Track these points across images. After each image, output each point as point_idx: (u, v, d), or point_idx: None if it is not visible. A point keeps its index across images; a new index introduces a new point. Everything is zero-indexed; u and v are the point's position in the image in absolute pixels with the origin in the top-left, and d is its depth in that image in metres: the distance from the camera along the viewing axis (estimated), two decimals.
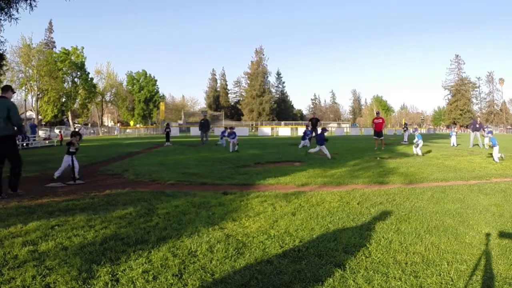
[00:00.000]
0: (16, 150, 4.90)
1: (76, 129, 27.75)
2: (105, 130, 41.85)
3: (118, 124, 48.08)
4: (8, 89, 4.96)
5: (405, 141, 18.00)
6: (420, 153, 10.18)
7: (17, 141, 15.38)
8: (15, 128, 4.78)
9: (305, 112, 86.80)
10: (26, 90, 34.70)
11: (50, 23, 50.70)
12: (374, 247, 2.64)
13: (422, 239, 2.85)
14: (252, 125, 52.18)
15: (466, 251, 2.59)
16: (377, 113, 14.70)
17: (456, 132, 16.25)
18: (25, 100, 37.68)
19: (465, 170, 7.02)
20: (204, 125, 16.19)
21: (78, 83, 40.20)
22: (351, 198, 4.38)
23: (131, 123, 48.89)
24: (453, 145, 14.66)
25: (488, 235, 2.95)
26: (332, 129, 43.19)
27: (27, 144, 16.08)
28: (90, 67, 52.36)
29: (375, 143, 13.06)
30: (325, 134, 10.35)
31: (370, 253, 2.53)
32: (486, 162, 8.44)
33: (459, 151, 11.94)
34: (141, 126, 46.27)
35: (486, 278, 2.15)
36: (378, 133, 13.17)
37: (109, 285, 2.01)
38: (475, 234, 2.97)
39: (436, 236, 2.91)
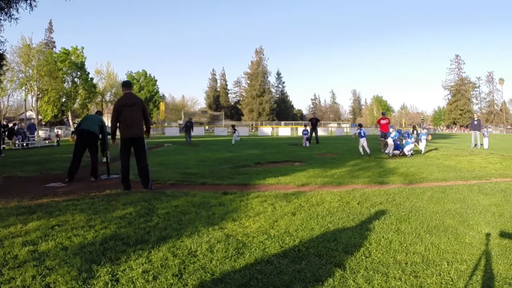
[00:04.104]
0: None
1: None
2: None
3: None
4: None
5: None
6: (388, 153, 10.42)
7: (18, 141, 15.45)
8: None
9: (305, 112, 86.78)
10: (26, 90, 34.69)
11: (50, 23, 50.70)
12: (374, 247, 2.64)
13: (422, 239, 2.85)
14: (252, 125, 52.17)
15: (466, 251, 2.59)
16: (382, 114, 14.43)
17: (428, 135, 12.37)
18: (25, 100, 37.70)
19: (465, 170, 7.02)
20: (188, 127, 17.13)
21: (78, 83, 40.20)
22: (351, 198, 4.38)
23: None
24: (421, 151, 11.47)
25: (488, 235, 2.95)
26: (332, 129, 43.20)
27: (27, 144, 16.09)
28: (90, 67, 52.23)
29: (381, 144, 12.77)
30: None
31: (370, 253, 2.53)
32: (486, 162, 8.44)
33: (459, 151, 11.92)
34: None
35: (486, 278, 2.15)
36: (385, 134, 12.62)
37: (109, 285, 2.01)
38: (475, 234, 2.97)
39: (436, 236, 2.91)
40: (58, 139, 18.78)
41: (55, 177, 6.21)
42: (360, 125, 12.79)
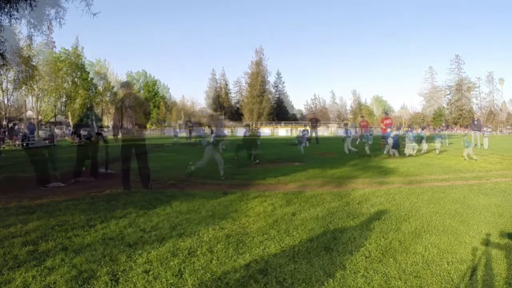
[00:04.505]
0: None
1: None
2: (105, 130, 41.78)
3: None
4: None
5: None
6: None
7: (18, 141, 15.45)
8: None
9: (305, 112, 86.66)
10: (26, 90, 34.68)
11: (50, 23, 50.66)
12: (374, 247, 2.64)
13: (422, 239, 2.85)
14: (251, 125, 52.16)
15: (466, 251, 2.59)
16: (386, 113, 14.35)
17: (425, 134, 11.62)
18: (25, 100, 37.67)
19: (465, 170, 7.02)
20: (189, 127, 18.63)
21: (78, 83, 40.22)
22: (351, 198, 4.38)
23: None
24: (422, 151, 10.88)
25: (488, 235, 2.95)
26: (333, 129, 43.22)
27: (27, 144, 16.09)
28: (90, 67, 52.19)
29: (381, 144, 12.61)
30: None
31: (370, 253, 2.53)
32: (486, 162, 8.44)
33: (459, 151, 11.90)
34: None
35: (486, 278, 2.15)
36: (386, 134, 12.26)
37: (109, 285, 2.01)
38: (475, 234, 2.97)
39: (436, 236, 2.91)
40: (54, 138, 18.76)
41: (55, 177, 6.20)
42: (346, 124, 12.83)
